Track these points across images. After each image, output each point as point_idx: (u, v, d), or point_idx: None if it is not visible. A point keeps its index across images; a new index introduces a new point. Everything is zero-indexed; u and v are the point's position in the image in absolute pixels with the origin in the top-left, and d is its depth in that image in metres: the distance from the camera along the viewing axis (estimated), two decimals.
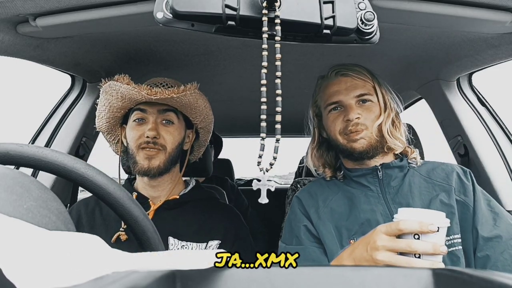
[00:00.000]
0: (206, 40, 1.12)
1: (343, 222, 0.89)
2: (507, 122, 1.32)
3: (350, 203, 0.92)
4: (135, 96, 0.93)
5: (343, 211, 0.92)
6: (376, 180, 0.93)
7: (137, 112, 0.98)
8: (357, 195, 0.93)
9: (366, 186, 0.93)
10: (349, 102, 0.93)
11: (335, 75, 0.97)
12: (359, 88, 0.94)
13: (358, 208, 0.90)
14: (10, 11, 0.78)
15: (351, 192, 0.94)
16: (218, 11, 0.55)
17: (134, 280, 0.23)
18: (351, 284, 0.28)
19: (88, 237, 0.30)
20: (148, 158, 0.95)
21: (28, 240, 0.25)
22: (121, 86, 0.92)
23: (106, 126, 1.03)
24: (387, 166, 0.93)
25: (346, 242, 0.87)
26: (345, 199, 0.94)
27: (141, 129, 0.96)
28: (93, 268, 0.26)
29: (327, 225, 0.90)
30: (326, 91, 0.98)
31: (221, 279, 0.27)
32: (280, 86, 0.57)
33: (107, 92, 0.96)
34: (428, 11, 0.78)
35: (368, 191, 0.93)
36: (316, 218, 0.93)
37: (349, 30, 0.61)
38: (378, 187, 0.92)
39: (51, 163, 0.44)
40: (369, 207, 0.89)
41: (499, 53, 1.01)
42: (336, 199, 0.95)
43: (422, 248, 0.59)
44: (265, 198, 0.66)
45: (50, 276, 0.24)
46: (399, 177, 0.93)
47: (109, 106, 0.98)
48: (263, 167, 0.61)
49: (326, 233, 0.89)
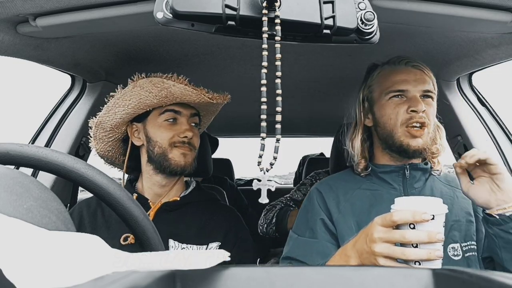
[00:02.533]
0: (206, 40, 1.12)
1: (364, 217, 0.87)
2: (507, 122, 1.32)
3: (372, 199, 0.90)
4: (191, 98, 0.96)
5: (364, 206, 0.90)
6: (401, 179, 0.91)
7: (171, 112, 0.99)
8: (380, 191, 0.91)
9: (389, 184, 0.92)
10: (414, 94, 0.89)
11: (405, 65, 0.93)
12: (426, 83, 0.91)
13: (380, 205, 0.87)
14: (10, 11, 0.78)
15: (373, 188, 0.93)
16: (218, 11, 0.55)
17: (134, 280, 0.23)
18: (351, 284, 0.28)
19: (88, 237, 0.30)
20: (183, 155, 0.98)
21: (28, 240, 0.25)
22: (174, 85, 0.93)
23: (116, 122, 1.00)
24: (414, 167, 0.92)
25: None
26: (367, 194, 0.92)
27: (174, 129, 0.99)
28: (93, 268, 0.26)
29: (348, 221, 0.88)
30: (391, 78, 0.92)
31: (221, 279, 0.27)
32: (280, 86, 0.57)
33: (144, 87, 0.94)
34: (428, 11, 0.78)
35: (391, 189, 0.91)
36: (336, 212, 0.91)
37: (349, 30, 0.61)
38: (401, 186, 0.91)
39: (51, 163, 0.44)
40: (391, 205, 0.87)
41: (499, 53, 1.01)
42: (357, 194, 0.93)
43: (416, 238, 0.59)
44: (265, 198, 0.66)
45: (50, 276, 0.24)
46: (422, 180, 0.92)
47: (138, 101, 0.96)
48: (263, 167, 0.61)
49: (346, 229, 0.87)
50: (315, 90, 1.70)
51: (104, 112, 1.00)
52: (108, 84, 1.35)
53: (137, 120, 1.02)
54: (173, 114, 0.99)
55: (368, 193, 0.92)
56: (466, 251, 0.83)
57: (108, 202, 0.46)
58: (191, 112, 1.03)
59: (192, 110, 1.03)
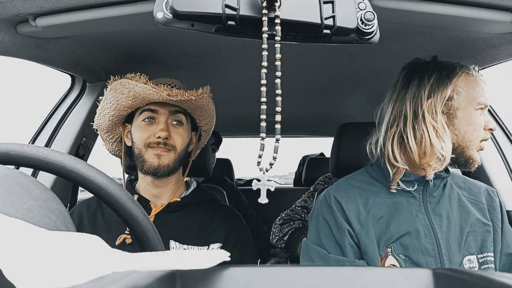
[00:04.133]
0: (206, 40, 1.12)
1: (384, 228, 0.84)
2: (507, 122, 1.32)
3: (392, 209, 0.86)
4: (152, 96, 0.92)
5: (384, 216, 0.85)
6: (422, 187, 0.87)
7: (148, 112, 0.97)
8: (400, 200, 0.87)
9: (409, 192, 0.87)
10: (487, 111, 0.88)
11: (481, 76, 0.90)
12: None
13: (400, 215, 0.84)
14: (10, 11, 0.77)
15: (393, 197, 0.88)
16: (218, 11, 0.55)
17: (134, 280, 0.23)
18: (351, 284, 0.28)
19: (88, 237, 0.30)
20: (157, 156, 0.94)
21: (28, 240, 0.25)
22: (136, 85, 0.90)
23: (108, 124, 1.02)
24: (437, 176, 0.88)
25: (383, 251, 0.82)
26: (387, 203, 0.87)
27: (151, 129, 0.96)
28: (93, 268, 0.26)
29: (370, 233, 0.83)
30: (478, 88, 0.87)
31: (221, 279, 0.27)
32: (280, 86, 0.57)
33: (117, 90, 0.94)
34: (428, 11, 0.78)
35: (411, 197, 0.87)
36: (358, 226, 0.85)
37: (349, 30, 0.61)
38: (421, 195, 0.87)
39: (51, 163, 0.44)
40: (410, 215, 0.84)
41: (499, 53, 1.01)
42: (376, 203, 0.87)
43: None
44: (265, 198, 0.66)
45: (50, 276, 0.24)
46: (440, 188, 0.89)
47: (116, 104, 0.96)
48: (263, 167, 0.61)
49: (369, 243, 0.82)
50: (315, 90, 1.70)
51: (97, 116, 1.02)
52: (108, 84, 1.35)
53: (128, 120, 1.02)
54: (150, 113, 0.96)
55: (388, 202, 0.87)
56: (483, 263, 0.81)
57: (108, 202, 0.46)
58: (170, 110, 0.97)
59: (172, 107, 0.98)
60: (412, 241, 0.81)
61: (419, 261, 0.80)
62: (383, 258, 0.82)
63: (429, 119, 0.82)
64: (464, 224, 0.84)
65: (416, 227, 0.82)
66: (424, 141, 0.82)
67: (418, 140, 0.83)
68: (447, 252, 0.80)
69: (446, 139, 0.82)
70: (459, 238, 0.83)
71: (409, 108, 0.85)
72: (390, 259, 0.81)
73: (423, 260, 0.80)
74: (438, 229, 0.82)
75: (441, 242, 0.81)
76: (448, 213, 0.85)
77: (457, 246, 0.82)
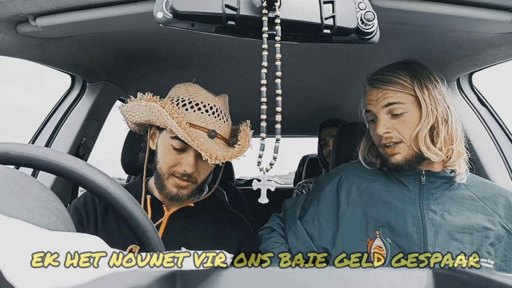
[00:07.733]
0: (206, 40, 1.12)
1: (373, 210, 0.91)
2: (507, 122, 1.32)
3: (384, 194, 0.92)
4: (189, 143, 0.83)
5: (375, 198, 0.92)
6: (418, 183, 0.92)
7: (180, 142, 0.88)
8: (394, 189, 0.93)
9: (405, 185, 0.92)
10: (378, 116, 0.92)
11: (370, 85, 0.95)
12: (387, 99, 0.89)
13: (391, 202, 0.90)
14: (10, 11, 0.78)
15: (389, 185, 0.94)
16: (218, 11, 0.55)
17: (134, 280, 0.23)
18: (351, 284, 0.28)
19: (88, 237, 0.30)
20: (177, 187, 0.91)
21: (28, 240, 0.25)
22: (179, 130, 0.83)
23: (136, 120, 0.94)
24: (433, 174, 0.91)
25: (371, 232, 0.90)
26: (382, 188, 0.94)
27: (178, 158, 0.91)
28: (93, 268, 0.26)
29: (355, 213, 0.92)
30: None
31: (221, 279, 0.27)
32: (280, 86, 0.57)
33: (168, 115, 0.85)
34: (428, 11, 0.78)
35: (406, 190, 0.92)
36: (345, 204, 0.95)
37: (349, 30, 0.61)
38: (417, 189, 0.91)
39: (51, 163, 0.44)
40: (401, 205, 0.89)
41: (499, 53, 1.01)
42: (371, 187, 0.95)
43: None
44: (265, 198, 0.66)
45: (50, 276, 0.24)
46: (443, 187, 0.90)
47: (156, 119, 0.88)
48: (263, 167, 0.61)
49: (351, 222, 0.92)
50: (315, 90, 1.70)
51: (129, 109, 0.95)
52: (108, 84, 1.34)
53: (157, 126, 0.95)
54: (182, 145, 0.89)
55: (383, 187, 0.94)
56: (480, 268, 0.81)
57: (108, 202, 0.46)
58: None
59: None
60: (399, 227, 0.87)
61: (403, 246, 0.86)
62: (372, 239, 0.90)
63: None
64: (463, 224, 0.85)
65: (405, 217, 0.87)
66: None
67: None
68: (433, 243, 0.83)
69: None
70: (453, 236, 0.84)
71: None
72: (378, 241, 0.89)
73: (407, 246, 0.85)
74: (428, 222, 0.86)
75: (428, 233, 0.84)
76: (444, 211, 0.87)
77: (446, 242, 0.83)
